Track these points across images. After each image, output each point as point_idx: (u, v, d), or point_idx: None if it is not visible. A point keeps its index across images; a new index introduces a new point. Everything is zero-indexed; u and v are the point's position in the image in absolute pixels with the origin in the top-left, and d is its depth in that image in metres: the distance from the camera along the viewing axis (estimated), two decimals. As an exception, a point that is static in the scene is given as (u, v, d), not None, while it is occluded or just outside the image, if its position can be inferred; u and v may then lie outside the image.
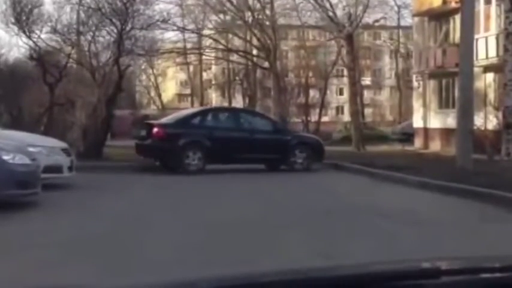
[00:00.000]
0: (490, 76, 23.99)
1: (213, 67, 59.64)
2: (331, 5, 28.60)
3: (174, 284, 1.56)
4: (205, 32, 35.90)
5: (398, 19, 45.98)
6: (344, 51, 32.55)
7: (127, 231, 7.65)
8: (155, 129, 16.37)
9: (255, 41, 32.71)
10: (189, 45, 41.92)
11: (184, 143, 15.99)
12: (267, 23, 31.18)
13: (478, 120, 19.16)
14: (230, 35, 36.85)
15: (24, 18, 21.06)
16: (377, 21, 38.75)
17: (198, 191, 12.66)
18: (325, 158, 17.80)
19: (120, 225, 8.13)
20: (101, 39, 21.38)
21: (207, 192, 12.41)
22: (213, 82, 62.10)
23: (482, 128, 20.11)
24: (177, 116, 18.26)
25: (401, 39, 52.86)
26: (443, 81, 27.52)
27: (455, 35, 24.65)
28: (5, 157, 9.17)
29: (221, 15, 34.37)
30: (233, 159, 16.48)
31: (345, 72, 37.71)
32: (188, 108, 28.68)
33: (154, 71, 55.86)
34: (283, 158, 16.89)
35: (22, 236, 7.31)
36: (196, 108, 28.65)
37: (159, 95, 62.55)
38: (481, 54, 23.34)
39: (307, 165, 16.91)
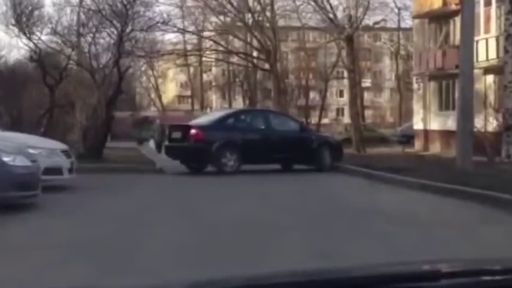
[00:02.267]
0: (490, 78, 23.99)
1: (213, 69, 59.69)
2: (331, 7, 28.65)
3: (176, 285, 1.56)
4: (206, 33, 35.93)
5: (399, 21, 46.07)
6: (344, 53, 32.54)
7: (127, 233, 7.65)
8: (193, 131, 16.61)
9: (255, 43, 32.73)
10: (189, 47, 42.00)
11: (222, 144, 16.30)
12: (267, 24, 31.21)
13: (478, 122, 19.15)
14: (230, 37, 36.88)
15: (24, 19, 21.10)
16: (377, 23, 38.80)
17: (199, 192, 12.65)
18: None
19: (120, 227, 8.12)
20: (101, 40, 21.44)
21: (207, 193, 12.40)
22: (213, 84, 62.15)
23: (483, 130, 20.11)
24: (210, 117, 18.78)
25: (402, 41, 52.90)
26: (444, 83, 27.53)
27: (456, 36, 24.66)
28: (5, 159, 9.17)
29: (221, 17, 34.39)
30: (265, 159, 16.99)
31: (345, 74, 37.72)
32: (218, 110, 29.23)
33: (155, 72, 55.91)
34: (311, 157, 17.34)
35: (22, 237, 7.31)
36: (227, 110, 28.89)
37: (159, 97, 62.60)
38: (481, 56, 23.34)
39: (331, 164, 17.39)
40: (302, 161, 17.55)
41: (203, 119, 18.92)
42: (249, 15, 31.64)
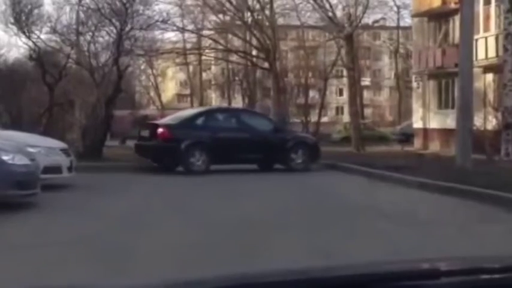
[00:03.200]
0: (489, 76, 24.00)
1: (213, 67, 59.63)
2: (330, 6, 28.62)
3: (174, 284, 1.56)
4: (205, 32, 35.88)
5: (398, 19, 46.07)
6: (343, 51, 32.53)
7: (127, 232, 7.64)
8: (160, 130, 16.43)
9: (254, 41, 32.68)
10: (188, 46, 41.91)
11: (189, 143, 16.09)
12: (267, 23, 31.16)
13: (478, 121, 19.15)
14: (230, 35, 36.84)
15: (23, 18, 21.07)
16: (376, 21, 38.84)
17: (196, 191, 12.65)
18: (325, 158, 17.96)
19: (119, 225, 8.12)
20: (100, 39, 21.39)
21: (205, 192, 12.39)
22: (213, 82, 62.10)
23: (482, 128, 20.10)
24: (179, 116, 18.28)
25: (401, 40, 52.88)
26: (443, 82, 27.53)
27: (455, 35, 24.65)
28: (5, 157, 9.16)
29: (220, 16, 34.35)
30: (236, 159, 16.61)
31: (345, 73, 37.68)
32: (186, 109, 28.72)
33: (154, 71, 55.85)
34: (283, 157, 17.01)
35: (21, 236, 7.31)
36: (197, 108, 28.62)
37: (159, 95, 62.55)
38: (481, 54, 23.34)
39: (305, 165, 17.01)
40: (273, 161, 17.20)
41: (172, 118, 18.39)
42: (248, 13, 31.61)
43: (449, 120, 23.85)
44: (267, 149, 16.86)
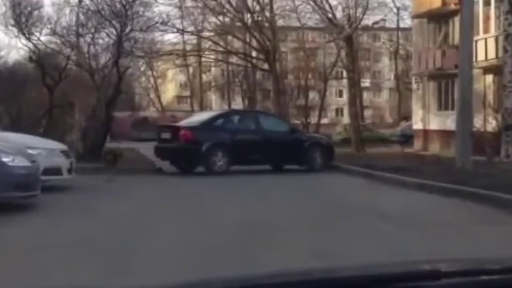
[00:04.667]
0: (489, 78, 23.99)
1: (213, 69, 59.65)
2: (330, 7, 28.62)
3: (176, 286, 1.56)
4: (205, 34, 35.90)
5: (398, 21, 46.04)
6: (343, 53, 32.54)
7: (126, 234, 7.65)
8: (183, 132, 16.67)
9: (254, 43, 32.71)
10: (188, 47, 41.93)
11: (211, 145, 16.35)
12: (266, 24, 31.18)
13: (478, 122, 19.15)
14: (229, 37, 36.85)
15: (23, 20, 21.08)
16: (376, 23, 38.80)
17: (197, 192, 12.65)
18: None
19: (119, 227, 8.12)
20: (100, 41, 21.42)
21: (206, 194, 12.40)
22: (213, 84, 62.10)
23: (482, 130, 20.10)
24: (199, 118, 18.67)
25: (401, 41, 52.92)
26: (443, 83, 27.51)
27: (455, 36, 24.65)
28: (5, 159, 9.17)
29: (220, 17, 34.35)
30: (256, 160, 17.00)
31: (345, 74, 37.70)
32: (205, 111, 29.01)
33: (154, 73, 55.86)
34: (301, 158, 17.38)
35: (21, 238, 7.31)
36: (215, 111, 28.78)
37: (159, 97, 62.57)
38: (481, 55, 23.33)
39: (321, 166, 17.43)
40: (292, 162, 17.56)
41: (192, 120, 18.90)
42: (248, 15, 31.62)
43: (449, 121, 23.83)
44: (285, 150, 17.24)
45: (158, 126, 18.57)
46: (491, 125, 20.90)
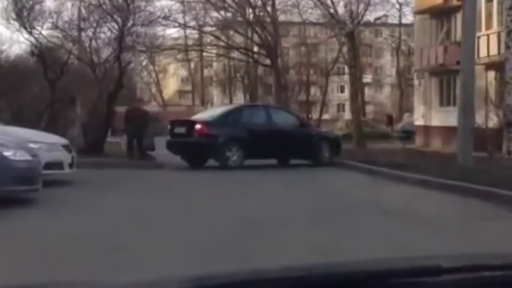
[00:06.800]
0: (491, 74, 23.96)
1: (214, 64, 59.67)
2: (332, 2, 28.62)
3: (177, 280, 1.56)
4: (206, 28, 35.90)
5: (400, 17, 46.11)
6: (345, 48, 32.52)
7: (128, 228, 7.65)
8: (198, 126, 16.70)
9: (256, 38, 32.70)
10: (190, 42, 41.92)
11: (226, 139, 16.43)
12: (268, 20, 31.19)
13: (479, 118, 19.13)
14: (231, 32, 36.84)
15: (25, 14, 21.05)
16: (378, 18, 38.80)
17: (198, 187, 12.67)
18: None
19: (121, 222, 8.13)
20: (102, 35, 21.43)
21: (207, 188, 12.41)
22: (214, 79, 62.13)
23: (483, 126, 20.09)
24: (212, 113, 18.87)
25: (403, 37, 52.89)
26: (445, 79, 27.50)
27: (457, 32, 24.62)
28: (6, 153, 9.17)
29: (222, 12, 34.35)
30: (268, 154, 17.17)
31: (346, 70, 37.69)
32: (219, 106, 29.18)
33: (156, 67, 55.92)
34: (310, 152, 17.53)
35: (22, 232, 7.31)
36: (228, 105, 28.81)
37: (160, 92, 62.64)
38: (483, 52, 23.30)
39: (329, 160, 17.63)
40: (302, 156, 17.71)
41: (205, 114, 18.99)
42: (250, 10, 31.62)
43: (450, 117, 23.79)
44: (296, 144, 17.38)
45: (171, 121, 18.45)
46: (493, 121, 20.88)
